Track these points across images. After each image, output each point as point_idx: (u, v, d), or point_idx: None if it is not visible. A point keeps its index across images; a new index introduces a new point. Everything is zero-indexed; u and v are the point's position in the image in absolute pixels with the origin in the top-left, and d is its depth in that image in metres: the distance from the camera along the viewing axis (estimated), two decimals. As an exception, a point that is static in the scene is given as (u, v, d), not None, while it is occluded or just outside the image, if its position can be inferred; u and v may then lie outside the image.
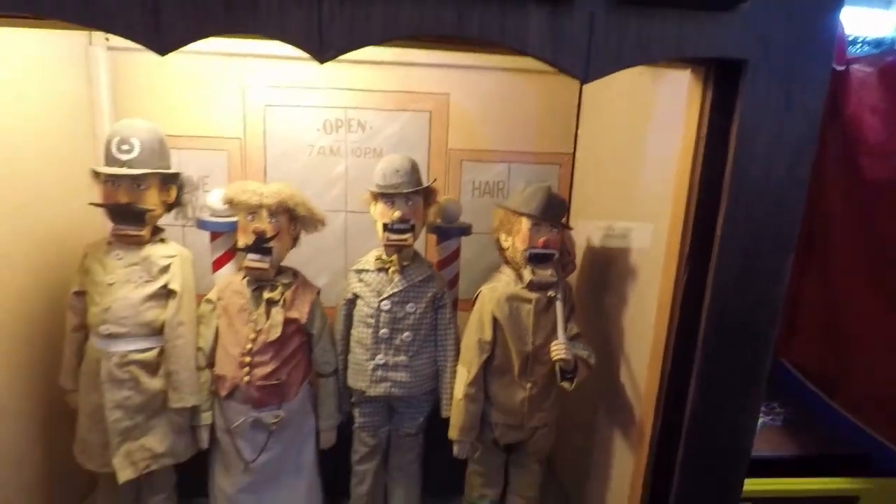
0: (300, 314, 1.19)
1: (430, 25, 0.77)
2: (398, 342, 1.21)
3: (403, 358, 1.21)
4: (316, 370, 1.26)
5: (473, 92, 1.46)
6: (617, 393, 1.20)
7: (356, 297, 1.23)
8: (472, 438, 1.22)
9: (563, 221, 1.18)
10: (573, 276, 1.29)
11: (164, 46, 0.75)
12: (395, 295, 1.19)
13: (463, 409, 1.19)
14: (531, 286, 1.17)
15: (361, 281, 1.22)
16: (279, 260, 1.19)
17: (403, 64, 1.43)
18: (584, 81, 0.82)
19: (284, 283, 1.20)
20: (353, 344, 1.25)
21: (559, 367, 1.11)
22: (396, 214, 1.15)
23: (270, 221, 1.14)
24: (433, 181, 1.23)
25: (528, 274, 1.16)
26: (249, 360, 1.15)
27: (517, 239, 1.18)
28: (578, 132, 1.50)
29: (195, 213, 1.26)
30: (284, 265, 1.23)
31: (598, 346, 1.19)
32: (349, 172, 1.49)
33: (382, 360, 1.21)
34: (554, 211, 1.16)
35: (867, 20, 1.50)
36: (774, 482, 1.34)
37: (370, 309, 1.21)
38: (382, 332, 1.20)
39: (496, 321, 1.19)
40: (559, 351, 1.09)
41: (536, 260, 1.16)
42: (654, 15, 0.79)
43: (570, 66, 0.81)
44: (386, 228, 1.17)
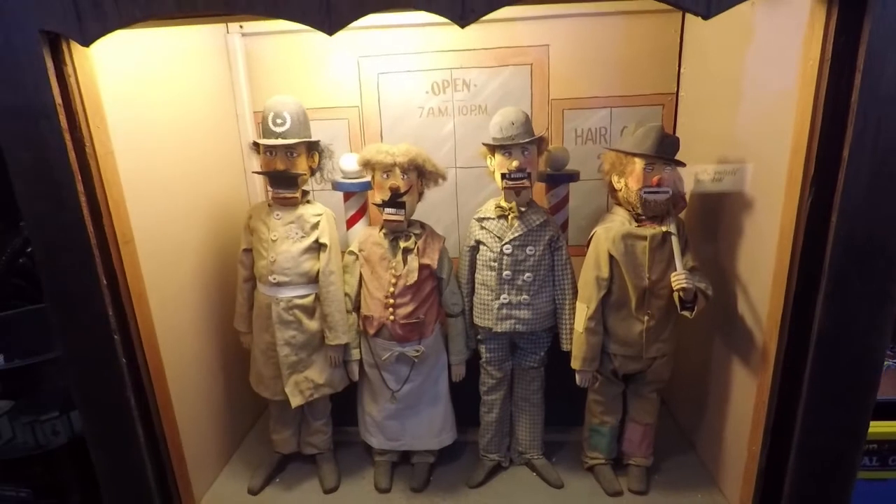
0: (431, 260, 1.32)
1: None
2: (520, 282, 1.32)
3: (525, 297, 1.32)
4: (445, 311, 1.40)
5: (572, 41, 1.50)
6: (734, 322, 1.24)
7: (479, 243, 1.34)
8: (593, 369, 1.32)
9: (676, 159, 1.22)
10: (683, 212, 1.33)
11: (332, 27, 0.87)
12: (515, 239, 1.30)
13: (584, 341, 1.29)
14: (646, 210, 1.22)
15: (483, 228, 1.33)
16: (411, 212, 1.32)
17: (504, 20, 1.49)
18: (705, 17, 0.86)
19: (416, 233, 1.34)
20: (477, 286, 1.37)
21: (679, 296, 1.17)
22: (514, 164, 1.24)
23: (403, 178, 1.27)
24: (544, 131, 1.30)
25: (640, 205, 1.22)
26: (393, 301, 1.31)
27: (631, 179, 1.24)
28: (681, 70, 1.50)
29: (330, 175, 1.42)
30: (413, 218, 1.37)
31: (712, 278, 1.23)
32: (457, 130, 1.60)
33: (507, 299, 1.32)
34: (667, 149, 1.20)
35: None
36: (886, 425, 1.34)
37: (493, 253, 1.32)
38: (506, 273, 1.31)
39: (612, 259, 1.26)
40: (680, 280, 1.16)
41: (651, 198, 1.21)
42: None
43: (692, 4, 0.85)
44: (504, 178, 1.27)
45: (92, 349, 1.11)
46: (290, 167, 1.28)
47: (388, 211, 1.29)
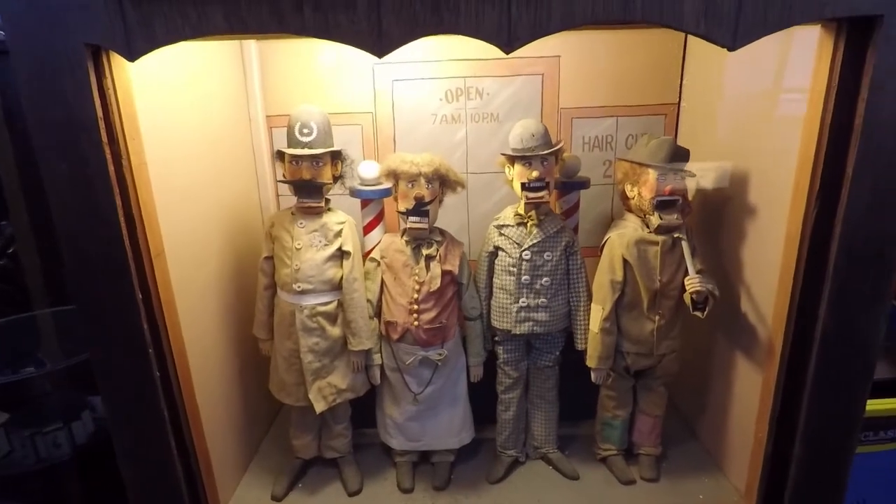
0: (453, 266, 1.37)
1: (599, 13, 0.90)
2: (538, 286, 1.38)
3: (543, 300, 1.38)
4: (464, 315, 1.45)
5: (582, 52, 1.56)
6: (739, 321, 1.34)
7: (498, 249, 1.40)
8: (608, 367, 1.40)
9: (686, 169, 1.31)
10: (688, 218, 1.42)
11: (382, 50, 0.90)
12: (534, 245, 1.36)
13: (600, 341, 1.36)
14: (659, 230, 1.31)
15: (502, 235, 1.39)
16: (434, 220, 1.36)
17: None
18: (731, 49, 0.93)
19: (437, 240, 1.38)
20: (496, 290, 1.42)
21: (692, 298, 1.26)
22: (535, 174, 1.30)
23: (428, 188, 1.30)
24: (559, 142, 1.36)
25: (656, 219, 1.30)
26: (417, 307, 1.35)
27: (644, 188, 1.32)
28: (683, 82, 1.59)
29: (349, 182, 1.44)
30: (433, 225, 1.41)
31: (717, 280, 1.33)
32: (469, 137, 1.64)
33: (525, 302, 1.38)
34: (678, 160, 1.29)
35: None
36: (877, 402, 1.49)
37: (512, 259, 1.37)
38: (524, 278, 1.37)
39: (626, 263, 1.34)
40: (694, 284, 1.24)
41: (663, 206, 1.29)
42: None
43: (720, 37, 0.92)
44: (524, 187, 1.32)
45: (126, 363, 1.10)
46: (315, 176, 1.30)
47: (412, 219, 1.32)
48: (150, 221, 1.10)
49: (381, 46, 0.90)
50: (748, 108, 1.33)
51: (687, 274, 1.29)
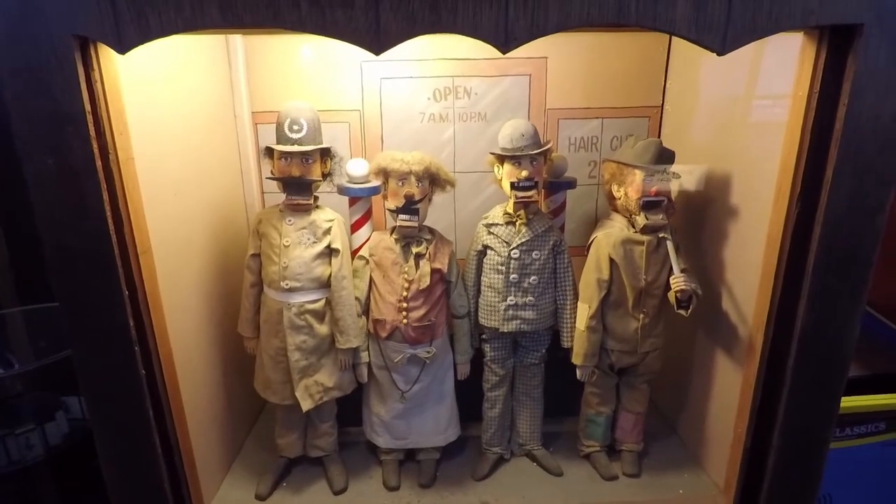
0: (442, 265, 1.37)
1: (595, 16, 0.92)
2: (526, 285, 1.39)
3: (531, 298, 1.40)
4: (452, 313, 1.45)
5: (569, 54, 1.58)
6: (720, 319, 1.38)
7: (486, 248, 1.41)
8: (593, 364, 1.42)
9: (670, 170, 1.34)
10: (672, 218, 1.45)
11: (380, 47, 0.90)
12: (523, 244, 1.37)
13: (586, 339, 1.39)
14: (645, 230, 1.33)
15: (491, 234, 1.40)
16: (424, 218, 1.36)
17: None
18: (720, 54, 0.96)
19: (427, 238, 1.38)
20: (484, 289, 1.43)
21: (677, 297, 1.29)
22: (524, 174, 1.31)
23: (418, 186, 1.31)
24: (548, 142, 1.37)
25: (641, 219, 1.32)
26: (406, 305, 1.35)
27: (630, 189, 1.34)
28: (667, 86, 1.62)
29: (337, 180, 1.43)
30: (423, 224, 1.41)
31: (700, 279, 1.36)
32: (457, 136, 1.64)
33: (513, 301, 1.40)
34: (664, 162, 1.32)
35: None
36: (846, 400, 1.54)
37: (501, 258, 1.39)
38: (513, 277, 1.38)
39: (612, 262, 1.36)
40: (679, 283, 1.27)
41: (649, 207, 1.32)
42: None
43: (710, 42, 0.95)
44: (513, 187, 1.33)
45: (111, 361, 1.08)
46: (305, 173, 1.29)
47: (402, 217, 1.32)
48: (136, 217, 1.08)
49: (379, 43, 0.90)
50: (731, 111, 1.37)
51: (671, 273, 1.32)
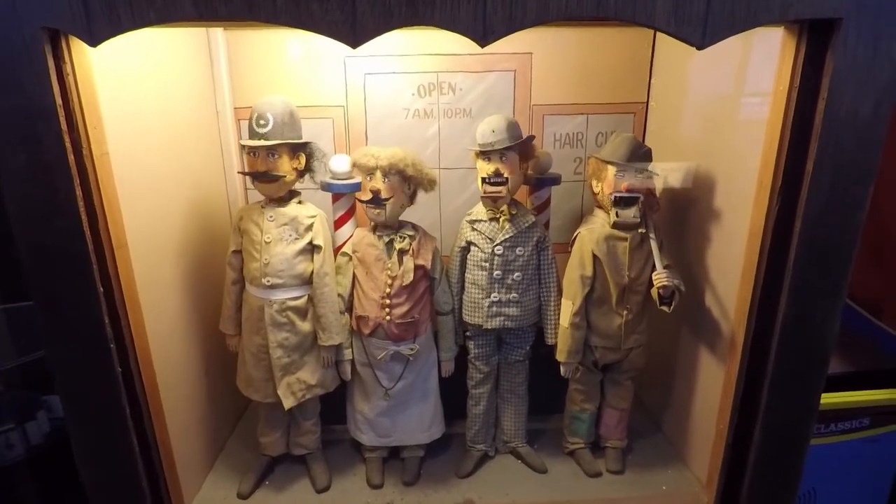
0: (426, 261, 1.37)
1: (573, 9, 0.91)
2: (509, 281, 1.39)
3: (514, 295, 1.39)
4: (436, 309, 1.45)
5: (554, 50, 1.57)
6: (703, 314, 1.38)
7: (470, 244, 1.40)
8: (577, 361, 1.42)
9: (648, 168, 1.33)
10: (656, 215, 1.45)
11: (357, 41, 0.89)
12: (506, 241, 1.36)
13: (569, 336, 1.38)
14: (616, 226, 1.33)
15: (475, 230, 1.39)
16: (394, 215, 1.34)
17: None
18: (700, 48, 0.96)
19: (410, 234, 1.37)
20: (467, 285, 1.43)
21: (659, 293, 1.29)
22: (492, 168, 1.31)
23: (384, 181, 1.30)
24: (524, 138, 1.35)
25: (612, 215, 1.32)
26: (389, 301, 1.34)
27: (605, 184, 1.34)
28: (652, 82, 1.62)
29: (320, 176, 1.41)
30: (404, 220, 1.40)
31: (683, 275, 1.36)
32: (441, 132, 1.63)
33: (497, 297, 1.39)
34: (637, 158, 1.31)
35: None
36: (830, 396, 1.55)
37: (484, 254, 1.38)
38: (496, 273, 1.38)
39: (596, 258, 1.36)
40: (661, 279, 1.27)
41: (621, 203, 1.32)
42: (763, -17, 0.91)
43: (689, 35, 0.94)
44: (483, 181, 1.33)
45: (86, 359, 1.07)
46: (270, 169, 1.27)
47: (369, 208, 1.32)
48: (112, 213, 1.06)
49: (355, 37, 0.89)
50: (714, 107, 1.37)
51: (654, 269, 1.31)
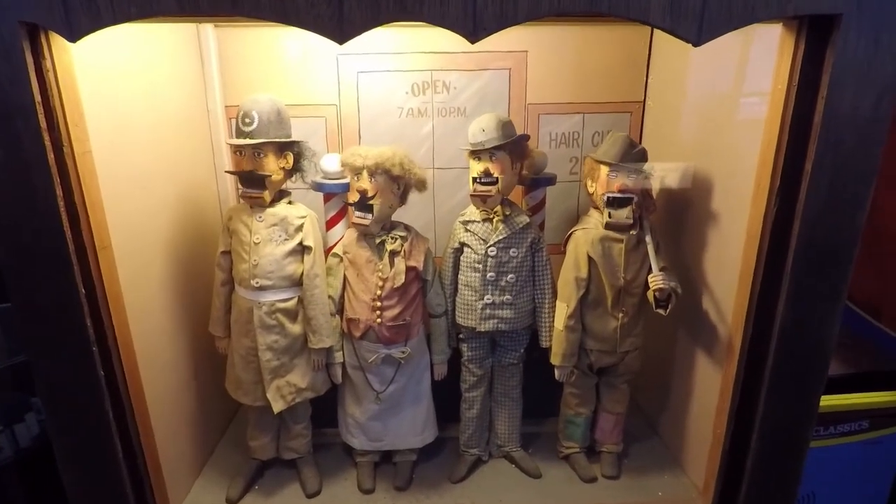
0: (417, 262, 1.34)
1: (566, 5, 0.89)
2: (503, 283, 1.36)
3: (508, 297, 1.37)
4: (429, 312, 1.42)
5: (550, 48, 1.55)
6: (700, 318, 1.35)
7: (463, 245, 1.38)
8: (572, 364, 1.39)
9: (643, 168, 1.31)
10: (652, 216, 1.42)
11: (343, 36, 0.87)
12: (500, 242, 1.34)
13: (564, 338, 1.36)
14: (608, 227, 1.30)
15: (468, 231, 1.36)
16: (383, 217, 1.32)
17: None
18: (696, 45, 0.93)
19: (401, 235, 1.34)
20: (461, 287, 1.40)
21: (655, 296, 1.27)
22: (481, 168, 1.28)
23: (371, 181, 1.27)
24: (516, 137, 1.32)
25: (605, 216, 1.30)
26: (380, 304, 1.32)
27: (598, 184, 1.32)
28: (648, 81, 1.59)
29: (311, 176, 1.39)
30: (396, 220, 1.38)
31: (680, 277, 1.33)
32: (435, 131, 1.61)
33: (490, 299, 1.37)
34: (631, 158, 1.29)
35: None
36: (829, 398, 1.52)
37: (478, 255, 1.35)
38: (490, 275, 1.35)
39: (591, 260, 1.34)
40: (658, 282, 1.25)
41: (614, 203, 1.29)
42: (761, -22, 0.88)
43: (685, 32, 0.92)
44: (474, 181, 1.30)
45: (67, 362, 1.04)
46: (256, 168, 1.25)
47: (356, 214, 1.30)
48: (94, 213, 1.04)
49: (342, 32, 0.87)
50: (712, 106, 1.34)
51: (650, 271, 1.29)
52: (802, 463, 1.20)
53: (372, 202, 1.28)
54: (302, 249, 1.32)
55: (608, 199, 1.29)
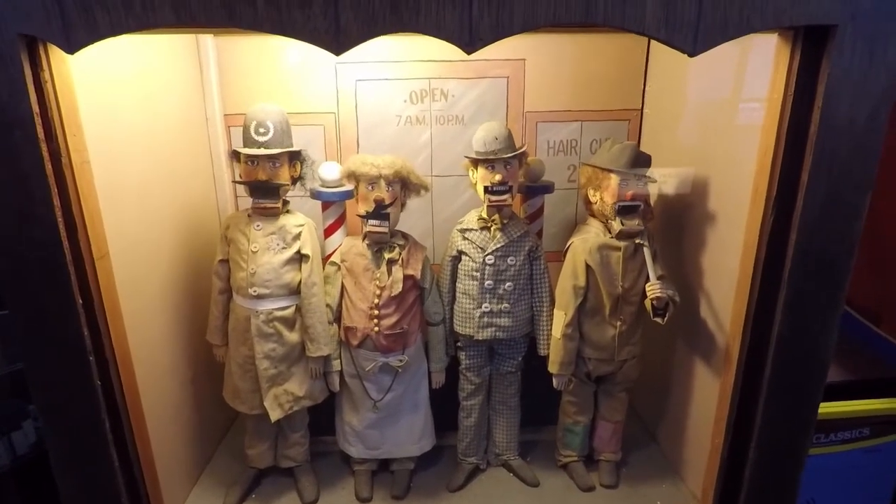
0: (415, 271, 1.34)
1: (562, 15, 0.89)
2: (501, 291, 1.36)
3: (506, 305, 1.37)
4: (427, 320, 1.42)
5: (548, 56, 1.56)
6: (698, 326, 1.35)
7: (461, 253, 1.38)
8: (570, 373, 1.39)
9: (647, 175, 1.31)
10: (650, 224, 1.42)
11: (340, 48, 0.87)
12: (498, 250, 1.34)
13: (562, 347, 1.36)
14: (621, 235, 1.31)
15: (466, 239, 1.37)
16: (395, 224, 1.33)
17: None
18: (691, 55, 0.93)
19: (399, 244, 1.35)
20: (459, 295, 1.40)
21: (653, 304, 1.26)
22: (497, 178, 1.28)
23: (388, 190, 1.27)
24: (523, 145, 1.35)
25: (617, 224, 1.30)
26: (377, 312, 1.32)
27: (606, 193, 1.32)
28: (646, 88, 1.60)
29: (309, 184, 1.39)
30: (395, 229, 1.38)
31: (677, 286, 1.33)
32: (434, 139, 1.61)
33: (488, 307, 1.37)
34: (640, 166, 1.29)
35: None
36: (830, 405, 1.51)
37: (475, 263, 1.36)
38: (487, 283, 1.35)
39: (589, 268, 1.34)
40: (655, 290, 1.25)
41: (625, 211, 1.29)
42: (756, -11, 0.89)
43: (680, 42, 0.92)
44: (487, 191, 1.30)
45: (64, 373, 1.04)
46: (272, 177, 1.26)
47: (371, 222, 1.29)
48: (92, 222, 1.04)
49: (338, 44, 0.87)
50: (709, 114, 1.35)
51: (648, 280, 1.29)
52: (801, 471, 1.20)
53: (388, 210, 1.28)
54: (300, 258, 1.32)
55: (619, 207, 1.29)
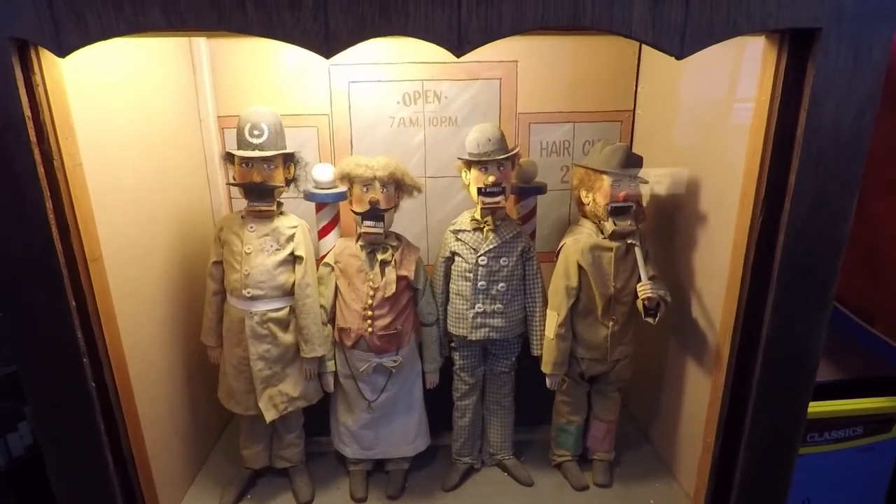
0: (409, 272, 1.35)
1: (549, 19, 0.90)
2: (494, 292, 1.37)
3: (499, 306, 1.37)
4: (420, 321, 1.43)
5: (540, 57, 1.56)
6: (689, 326, 1.36)
7: (454, 254, 1.38)
8: (563, 372, 1.40)
9: (639, 175, 1.32)
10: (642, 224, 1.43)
11: (329, 51, 0.88)
12: (491, 251, 1.35)
13: (554, 347, 1.36)
14: (613, 236, 1.31)
15: (459, 240, 1.37)
16: (389, 225, 1.34)
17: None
18: (679, 58, 0.94)
19: (393, 245, 1.35)
20: (452, 296, 1.41)
21: (644, 304, 1.27)
22: (490, 179, 1.29)
23: (382, 191, 1.28)
24: (516, 147, 1.35)
25: (610, 225, 1.30)
26: (371, 313, 1.32)
27: (598, 195, 1.32)
28: (638, 90, 1.60)
29: (303, 185, 1.40)
30: (389, 230, 1.39)
31: (669, 286, 1.34)
32: (427, 141, 1.62)
33: (481, 308, 1.37)
34: (632, 167, 1.30)
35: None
36: (823, 404, 1.52)
37: (468, 264, 1.36)
38: (480, 284, 1.36)
39: (581, 269, 1.34)
40: (646, 290, 1.25)
41: (617, 212, 1.30)
42: (741, -7, 0.89)
43: (668, 45, 0.93)
44: (480, 192, 1.31)
45: (58, 375, 1.05)
46: (267, 179, 1.26)
47: (366, 224, 1.30)
48: (85, 225, 1.05)
49: (328, 47, 0.88)
50: (700, 116, 1.36)
51: (640, 280, 1.30)
52: (791, 470, 1.21)
53: (385, 212, 1.29)
54: (293, 259, 1.33)
55: (612, 208, 1.29)
